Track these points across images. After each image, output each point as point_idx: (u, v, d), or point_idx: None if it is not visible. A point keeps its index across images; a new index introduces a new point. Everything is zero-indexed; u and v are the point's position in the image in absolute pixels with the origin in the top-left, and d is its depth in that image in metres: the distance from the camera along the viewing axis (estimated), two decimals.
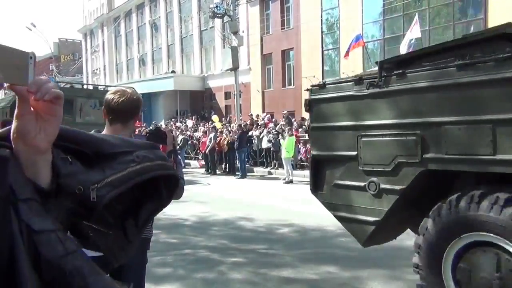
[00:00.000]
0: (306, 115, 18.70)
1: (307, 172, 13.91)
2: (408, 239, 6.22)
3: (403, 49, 16.64)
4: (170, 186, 0.99)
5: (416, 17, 16.45)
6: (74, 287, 0.77)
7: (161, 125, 5.11)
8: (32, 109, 0.78)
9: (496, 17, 15.57)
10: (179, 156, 2.62)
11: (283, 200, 9.60)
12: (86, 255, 0.81)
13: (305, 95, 5.47)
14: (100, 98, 11.81)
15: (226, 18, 21.12)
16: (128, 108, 2.16)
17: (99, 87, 18.05)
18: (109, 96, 2.18)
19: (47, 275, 0.75)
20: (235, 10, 21.74)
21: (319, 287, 4.47)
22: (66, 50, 52.26)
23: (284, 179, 12.93)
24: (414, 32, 16.32)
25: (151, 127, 2.29)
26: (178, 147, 2.41)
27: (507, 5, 15.15)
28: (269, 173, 15.17)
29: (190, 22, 31.15)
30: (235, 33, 20.27)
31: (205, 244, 6.15)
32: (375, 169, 3.57)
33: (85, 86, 17.76)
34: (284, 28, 24.31)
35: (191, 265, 5.23)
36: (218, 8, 20.23)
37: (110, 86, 29.17)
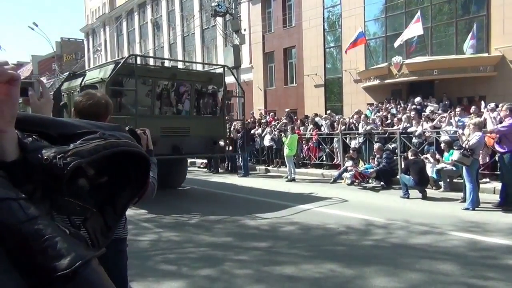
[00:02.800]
0: (309, 113, 18.72)
1: (309, 170, 13.92)
2: (411, 237, 6.23)
3: (398, 43, 16.77)
4: (141, 168, 0.98)
5: (418, 14, 16.41)
6: (36, 250, 0.76)
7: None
8: None
9: (499, 14, 15.52)
10: (153, 157, 2.63)
11: (286, 198, 9.61)
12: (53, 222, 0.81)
13: (307, 93, 5.55)
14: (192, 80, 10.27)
15: (228, 17, 21.06)
16: (95, 112, 2.18)
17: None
18: (77, 98, 2.23)
19: (8, 241, 0.75)
20: (237, 8, 21.71)
21: (322, 285, 4.48)
22: (68, 50, 52.29)
23: (287, 177, 12.94)
24: (415, 29, 16.28)
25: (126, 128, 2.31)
26: (152, 148, 2.46)
27: (509, 1, 15.09)
28: (267, 170, 15.10)
29: (192, 21, 31.12)
30: (237, 31, 20.23)
31: (208, 242, 6.17)
32: None
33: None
34: (286, 26, 24.27)
35: (194, 262, 5.25)
36: (220, 7, 20.18)
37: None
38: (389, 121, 13.65)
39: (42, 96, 1.41)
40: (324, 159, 14.12)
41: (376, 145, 11.60)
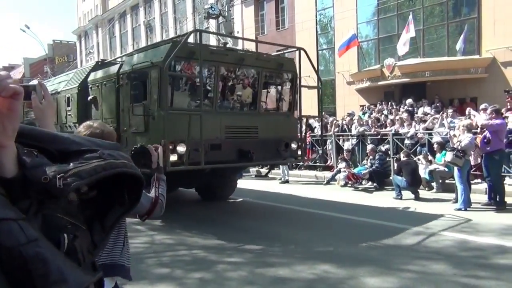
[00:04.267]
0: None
1: (302, 172, 13.93)
2: (403, 238, 6.26)
3: (401, 49, 16.74)
4: (135, 189, 0.98)
5: (410, 16, 16.53)
6: (36, 274, 0.75)
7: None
8: None
9: (489, 16, 15.67)
10: (163, 175, 2.64)
11: (279, 200, 9.61)
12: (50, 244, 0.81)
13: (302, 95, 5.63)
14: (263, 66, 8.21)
15: (220, 19, 21.11)
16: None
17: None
18: (78, 129, 2.35)
19: (7, 264, 0.74)
20: (230, 10, 21.75)
21: (315, 286, 4.48)
22: (60, 52, 51.98)
23: (280, 179, 12.94)
24: (410, 31, 16.40)
25: (135, 146, 2.31)
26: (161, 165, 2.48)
27: (500, 3, 15.25)
28: (258, 172, 14.41)
29: (184, 23, 31.11)
30: (230, 33, 20.25)
31: (202, 244, 6.15)
32: None
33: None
34: (279, 29, 24.33)
35: (187, 265, 5.24)
36: (213, 9, 20.22)
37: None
38: (382, 122, 13.72)
39: (44, 99, 1.41)
40: (318, 161, 14.15)
41: (369, 147, 11.66)
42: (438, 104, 15.05)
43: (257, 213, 8.34)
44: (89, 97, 8.76)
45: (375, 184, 10.99)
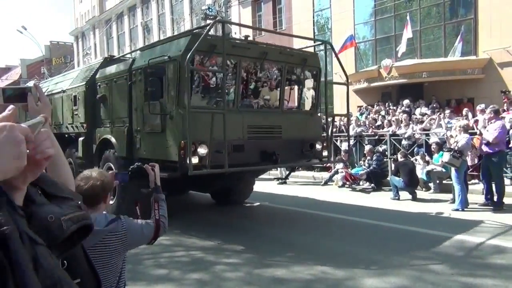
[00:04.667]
0: None
1: (300, 173, 13.92)
2: (401, 238, 6.27)
3: (402, 47, 16.80)
4: (85, 233, 1.12)
5: (408, 17, 16.58)
6: None
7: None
8: None
9: (486, 17, 15.72)
10: (161, 194, 2.63)
11: (277, 201, 9.61)
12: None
13: None
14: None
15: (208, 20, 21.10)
16: (92, 195, 2.25)
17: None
18: (75, 183, 2.26)
19: (43, 281, 0.87)
20: (227, 11, 21.76)
21: (314, 287, 4.49)
22: (57, 53, 51.84)
23: (278, 179, 12.94)
24: (408, 31, 16.46)
25: (132, 166, 2.30)
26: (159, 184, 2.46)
27: (497, 4, 15.30)
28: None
29: (182, 24, 31.10)
30: (228, 34, 20.26)
31: (199, 245, 6.14)
32: None
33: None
34: (276, 29, 24.34)
35: (185, 266, 5.23)
36: (210, 10, 20.24)
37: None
38: (379, 123, 13.74)
39: (39, 101, 1.41)
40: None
41: (367, 147, 11.67)
42: (435, 105, 15.09)
43: (254, 214, 8.34)
44: (98, 96, 8.31)
45: (372, 184, 11.00)
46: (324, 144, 7.91)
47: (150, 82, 6.34)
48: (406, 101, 15.25)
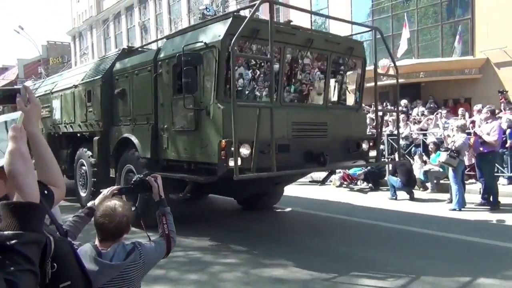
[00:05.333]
0: None
1: None
2: (398, 238, 6.28)
3: (403, 47, 16.81)
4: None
5: (405, 17, 16.60)
6: None
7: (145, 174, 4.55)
8: None
9: (483, 17, 15.76)
10: (167, 207, 2.57)
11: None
12: None
13: None
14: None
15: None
16: (118, 233, 2.24)
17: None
18: (99, 219, 2.21)
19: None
20: (225, 11, 21.74)
21: (311, 287, 4.49)
22: (55, 53, 51.67)
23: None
24: (404, 33, 16.49)
25: (134, 179, 2.22)
26: (163, 196, 2.35)
27: (494, 5, 15.34)
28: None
29: (180, 24, 31.07)
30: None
31: (197, 246, 6.13)
32: None
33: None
34: None
35: (182, 266, 5.22)
36: (208, 10, 20.23)
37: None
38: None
39: (29, 101, 1.42)
40: None
41: None
42: (432, 105, 15.12)
43: (251, 214, 8.33)
44: (116, 90, 7.56)
45: (370, 184, 11.01)
46: (371, 144, 7.04)
47: (186, 72, 5.48)
48: (403, 101, 15.27)
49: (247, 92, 6.13)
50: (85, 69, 9.30)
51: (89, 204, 2.46)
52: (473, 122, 10.82)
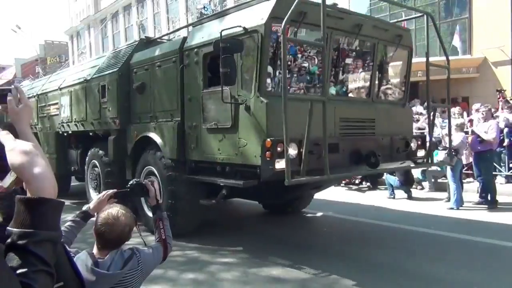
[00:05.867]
0: None
1: None
2: (397, 237, 6.28)
3: None
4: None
5: (403, 16, 16.60)
6: None
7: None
8: None
9: (481, 16, 15.79)
10: (164, 212, 2.55)
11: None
12: None
13: None
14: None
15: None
16: (119, 242, 2.20)
17: None
18: (100, 228, 2.16)
19: None
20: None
21: (309, 286, 4.48)
22: (52, 52, 51.58)
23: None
24: None
25: (131, 183, 2.19)
26: (161, 201, 2.31)
27: (491, 4, 15.37)
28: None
29: (177, 23, 31.04)
30: None
31: (195, 245, 6.12)
32: None
33: None
34: None
35: (180, 266, 5.21)
36: (206, 9, 20.23)
37: None
38: None
39: (20, 102, 1.41)
40: None
41: None
42: None
43: (248, 213, 8.33)
44: (135, 84, 6.93)
45: (368, 183, 11.01)
46: (419, 143, 6.44)
47: (225, 61, 4.76)
48: None
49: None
50: (96, 63, 8.64)
51: (84, 208, 2.42)
52: (470, 121, 10.84)
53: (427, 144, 6.48)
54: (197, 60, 5.79)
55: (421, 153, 6.43)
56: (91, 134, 8.41)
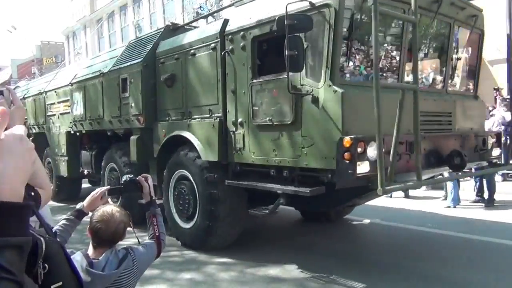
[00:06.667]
0: None
1: None
2: (394, 236, 6.29)
3: None
4: None
5: None
6: None
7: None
8: None
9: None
10: (157, 208, 2.52)
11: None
12: None
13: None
14: None
15: (210, 19, 21.06)
16: (114, 239, 2.19)
17: None
18: (96, 224, 2.15)
19: None
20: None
21: (306, 285, 4.48)
22: (48, 53, 51.41)
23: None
24: None
25: (124, 179, 2.16)
26: (155, 197, 2.29)
27: (488, 3, 15.40)
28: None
29: None
30: None
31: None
32: None
33: None
34: None
35: (178, 266, 5.20)
36: (202, 9, 20.18)
37: None
38: None
39: (12, 103, 1.40)
40: None
41: None
42: None
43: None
44: (163, 76, 6.09)
45: None
46: (494, 140, 5.74)
47: (292, 41, 3.96)
48: None
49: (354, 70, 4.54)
50: (113, 54, 7.89)
51: (78, 206, 2.41)
52: None
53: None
54: (244, 45, 4.95)
55: (496, 152, 5.75)
56: (109, 133, 7.57)
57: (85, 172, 8.88)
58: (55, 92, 9.49)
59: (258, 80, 4.81)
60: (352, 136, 3.90)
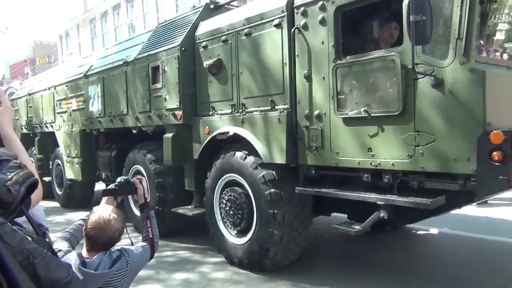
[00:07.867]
0: None
1: None
2: (392, 235, 6.31)
3: None
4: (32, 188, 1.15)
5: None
6: (36, 264, 0.97)
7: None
8: None
9: None
10: (151, 211, 2.48)
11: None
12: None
13: None
14: None
15: None
16: (109, 244, 2.19)
17: None
18: (91, 231, 2.15)
19: (15, 258, 0.94)
20: None
21: (301, 285, 4.49)
22: (41, 53, 51.09)
23: None
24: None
25: (119, 180, 2.15)
26: (149, 199, 2.35)
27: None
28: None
29: None
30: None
31: (186, 245, 6.10)
32: None
33: None
34: None
35: (172, 266, 5.20)
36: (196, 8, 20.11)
37: None
38: None
39: (0, 103, 1.40)
40: None
41: None
42: None
43: None
44: (207, 63, 5.13)
45: None
46: None
47: (419, 3, 3.10)
48: None
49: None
50: (137, 41, 6.90)
51: (85, 216, 2.40)
52: None
53: None
54: (323, 18, 4.03)
55: None
56: (134, 131, 6.63)
57: (103, 175, 7.86)
58: (67, 86, 8.46)
59: (345, 60, 3.88)
60: (505, 129, 3.01)
